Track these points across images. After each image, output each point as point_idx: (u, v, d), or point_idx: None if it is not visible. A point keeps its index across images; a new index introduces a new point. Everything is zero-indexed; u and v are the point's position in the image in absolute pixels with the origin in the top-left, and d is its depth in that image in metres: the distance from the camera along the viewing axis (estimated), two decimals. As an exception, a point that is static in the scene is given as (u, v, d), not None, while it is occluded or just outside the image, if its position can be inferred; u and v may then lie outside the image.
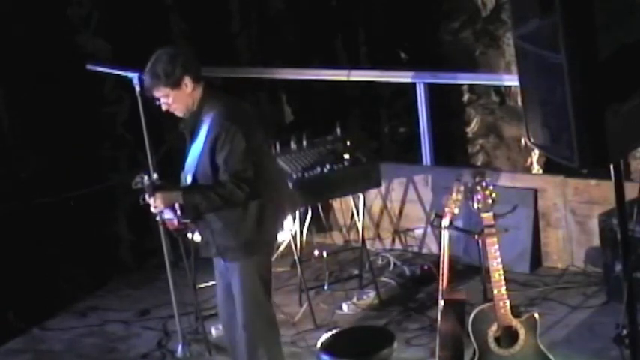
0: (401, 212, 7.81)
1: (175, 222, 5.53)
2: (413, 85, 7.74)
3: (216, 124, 5.39)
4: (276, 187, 5.66)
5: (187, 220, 5.56)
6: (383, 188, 7.60)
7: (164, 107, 5.50)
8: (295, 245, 7.00)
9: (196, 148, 5.49)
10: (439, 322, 5.70)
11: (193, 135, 5.53)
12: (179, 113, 5.53)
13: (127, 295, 7.66)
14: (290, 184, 6.70)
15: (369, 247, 7.48)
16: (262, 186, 5.43)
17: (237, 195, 5.36)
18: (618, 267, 6.43)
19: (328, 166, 6.92)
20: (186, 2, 8.52)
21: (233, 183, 5.35)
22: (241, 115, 5.48)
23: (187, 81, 5.41)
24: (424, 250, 7.76)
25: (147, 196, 5.46)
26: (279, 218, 5.75)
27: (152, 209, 5.50)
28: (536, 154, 8.85)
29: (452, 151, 9.10)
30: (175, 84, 5.40)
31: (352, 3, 9.32)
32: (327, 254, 7.43)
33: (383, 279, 7.38)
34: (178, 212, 5.47)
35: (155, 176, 5.55)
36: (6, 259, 7.22)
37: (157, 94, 5.47)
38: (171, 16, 8.43)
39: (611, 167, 4.47)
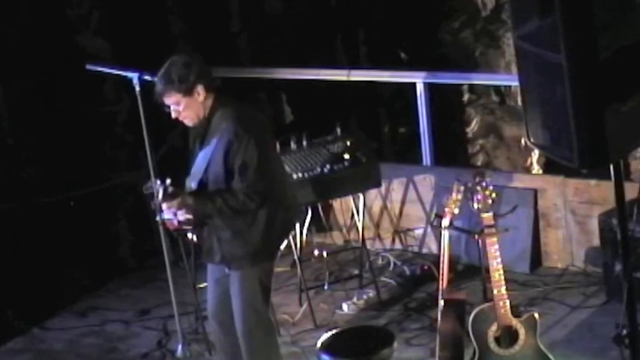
0: (401, 212, 7.81)
1: (175, 222, 5.51)
2: (413, 85, 7.74)
3: (229, 133, 5.34)
4: (285, 195, 5.63)
5: (190, 226, 5.54)
6: (383, 188, 7.60)
7: (174, 115, 5.43)
8: (295, 245, 6.99)
9: (205, 156, 5.45)
10: (439, 322, 5.70)
11: (202, 142, 5.49)
12: (189, 122, 5.47)
13: (127, 295, 7.66)
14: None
15: (369, 247, 7.47)
16: (272, 194, 5.42)
17: (248, 205, 5.37)
18: (618, 267, 6.43)
19: (328, 166, 6.92)
20: (186, 2, 8.51)
21: (245, 194, 5.34)
22: (255, 124, 5.46)
23: (200, 89, 5.37)
24: (424, 250, 7.75)
25: (158, 202, 5.41)
26: (287, 227, 5.74)
27: (164, 209, 5.45)
28: (536, 154, 8.84)
29: (452, 151, 9.09)
30: (188, 91, 5.35)
31: (352, 3, 9.31)
32: (327, 254, 7.43)
33: (383, 279, 7.38)
34: (181, 218, 5.44)
35: (168, 182, 5.44)
36: (6, 259, 7.22)
37: (168, 100, 5.40)
38: (171, 17, 8.42)
39: (611, 167, 4.47)
